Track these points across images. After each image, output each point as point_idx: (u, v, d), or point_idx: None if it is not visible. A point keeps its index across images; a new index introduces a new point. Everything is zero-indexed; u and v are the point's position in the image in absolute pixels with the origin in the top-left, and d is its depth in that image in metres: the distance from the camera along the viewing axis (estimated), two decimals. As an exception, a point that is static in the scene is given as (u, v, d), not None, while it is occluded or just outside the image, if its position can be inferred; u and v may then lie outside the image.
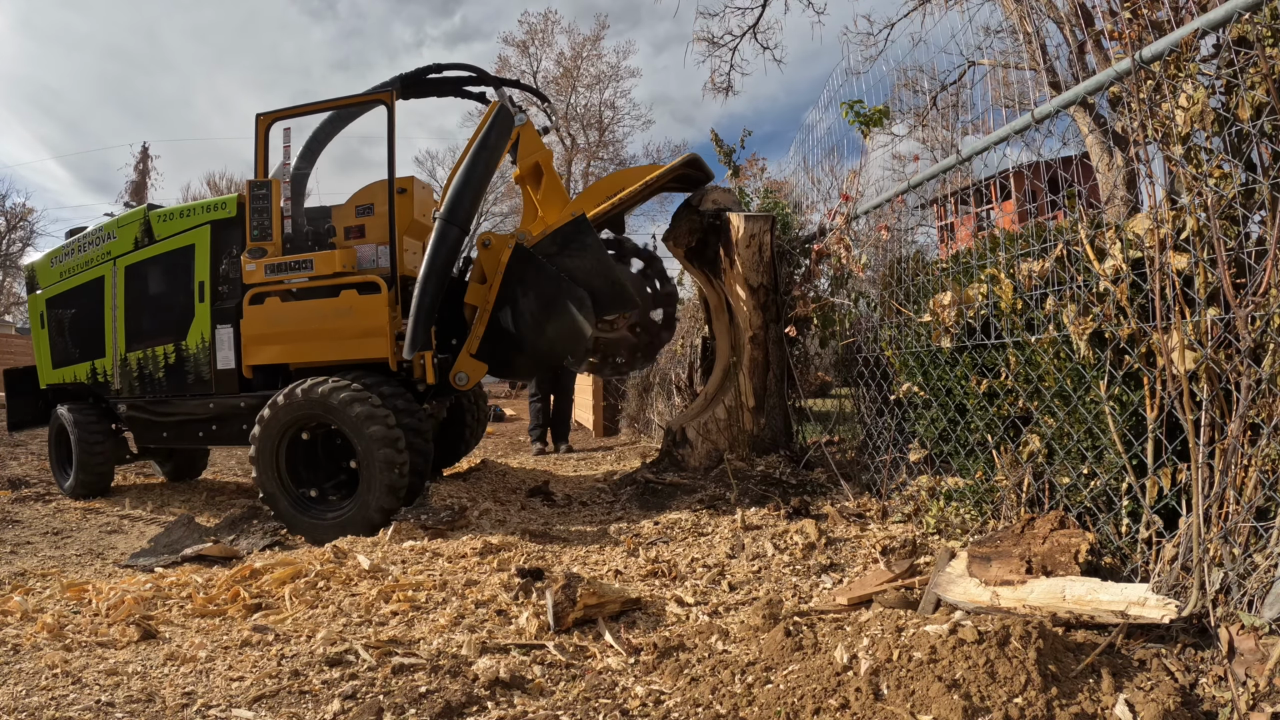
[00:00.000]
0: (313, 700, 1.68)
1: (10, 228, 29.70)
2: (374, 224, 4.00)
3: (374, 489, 3.47)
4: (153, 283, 4.34)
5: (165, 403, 4.29)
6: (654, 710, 1.62)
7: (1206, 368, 1.76)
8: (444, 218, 3.71)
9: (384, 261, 3.95)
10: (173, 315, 4.23)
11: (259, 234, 3.94)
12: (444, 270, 3.70)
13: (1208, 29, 1.86)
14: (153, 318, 4.33)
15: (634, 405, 8.59)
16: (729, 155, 5.44)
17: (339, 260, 3.86)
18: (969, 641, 1.48)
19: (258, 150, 4.03)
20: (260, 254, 3.94)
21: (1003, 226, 2.99)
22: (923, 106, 8.63)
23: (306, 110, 4.17)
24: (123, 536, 3.83)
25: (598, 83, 26.87)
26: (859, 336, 3.77)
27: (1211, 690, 1.46)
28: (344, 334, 3.84)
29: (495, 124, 3.88)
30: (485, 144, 3.87)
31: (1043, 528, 1.96)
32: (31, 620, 2.35)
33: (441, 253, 3.68)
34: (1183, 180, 1.86)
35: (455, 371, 3.89)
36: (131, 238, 4.43)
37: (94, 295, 4.53)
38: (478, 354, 3.89)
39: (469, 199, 3.78)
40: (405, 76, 4.08)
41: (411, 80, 4.12)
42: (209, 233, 4.18)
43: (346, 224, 4.06)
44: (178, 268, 4.24)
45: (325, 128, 4.53)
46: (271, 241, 3.95)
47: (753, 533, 2.96)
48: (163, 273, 4.30)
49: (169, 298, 4.26)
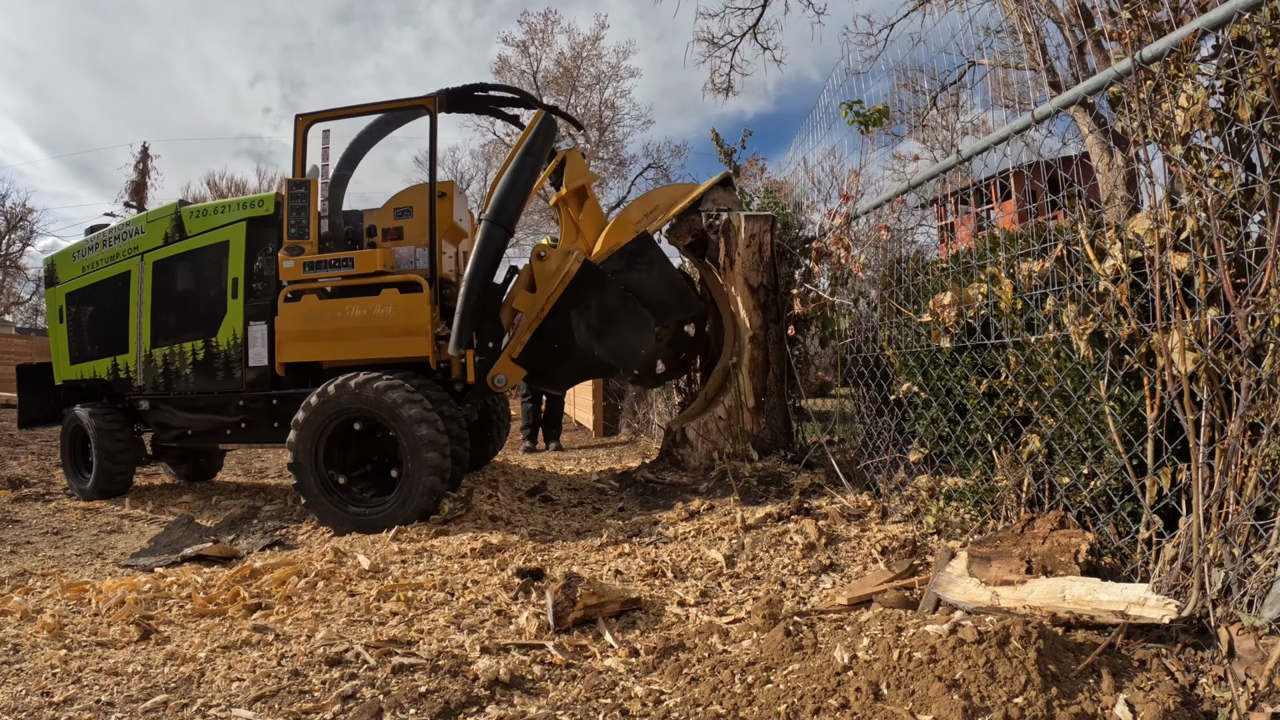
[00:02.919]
0: (313, 700, 1.68)
1: (10, 228, 29.70)
2: (412, 227, 4.06)
3: (416, 490, 3.48)
4: (182, 279, 4.33)
5: (191, 400, 4.28)
6: (654, 710, 1.62)
7: (1206, 368, 1.76)
8: (490, 219, 3.77)
9: (422, 263, 4.00)
10: (203, 311, 4.23)
11: (296, 232, 3.97)
12: (489, 270, 3.77)
13: (1208, 29, 1.86)
14: (181, 314, 4.32)
15: (634, 405, 8.59)
16: (729, 155, 5.44)
17: (380, 259, 3.90)
18: (969, 641, 1.48)
19: (296, 150, 4.08)
20: (298, 251, 3.96)
21: (1003, 226, 2.99)
22: (923, 106, 8.63)
23: (346, 113, 4.19)
24: (122, 536, 3.83)
25: (598, 83, 26.86)
26: (858, 336, 3.77)
27: (1211, 690, 1.46)
28: (384, 332, 3.87)
29: (540, 131, 3.98)
30: (530, 150, 3.94)
31: (1043, 528, 1.96)
32: (31, 620, 2.35)
33: (488, 253, 3.74)
34: (1183, 180, 1.86)
35: (494, 373, 3.94)
36: (161, 233, 4.43)
37: (119, 290, 4.50)
38: (519, 358, 3.97)
39: (514, 202, 3.86)
40: (452, 91, 4.16)
41: (458, 95, 4.19)
42: (244, 229, 4.19)
43: (385, 225, 4.11)
44: (210, 264, 4.24)
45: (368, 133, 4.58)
46: (309, 240, 3.97)
47: (753, 533, 2.96)
48: (194, 269, 4.30)
49: (200, 294, 4.26)
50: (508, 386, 3.98)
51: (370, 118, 4.41)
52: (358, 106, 4.20)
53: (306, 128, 4.08)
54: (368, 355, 3.90)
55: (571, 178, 4.20)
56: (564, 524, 3.54)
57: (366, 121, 4.48)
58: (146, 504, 4.53)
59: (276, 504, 4.40)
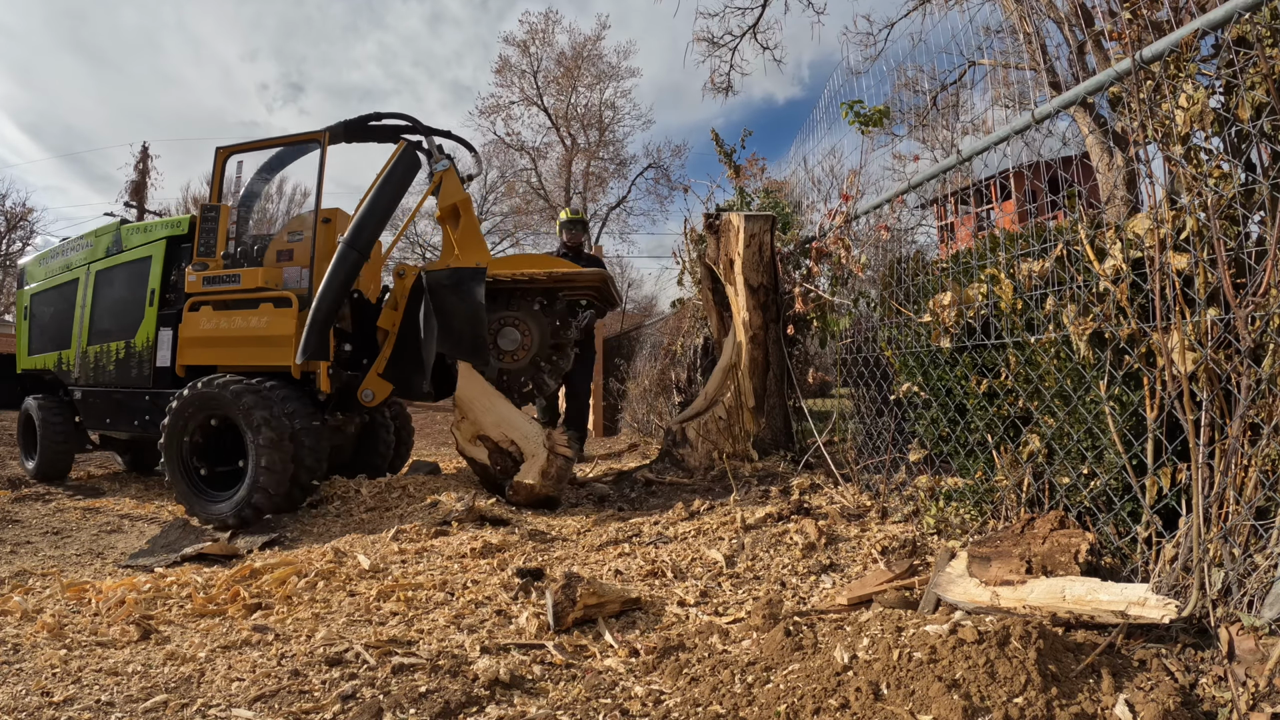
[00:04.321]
0: (313, 700, 1.68)
1: (10, 228, 29.69)
2: (301, 248, 4.46)
3: (256, 483, 3.82)
4: (115, 287, 4.93)
5: (110, 393, 4.84)
6: (654, 710, 1.62)
7: (1206, 368, 1.76)
8: (346, 242, 4.13)
9: (306, 282, 4.35)
10: (127, 316, 4.79)
11: (204, 250, 4.49)
12: (341, 289, 4.09)
13: (1208, 29, 1.86)
14: (111, 317, 4.91)
15: (634, 405, 8.59)
16: (729, 155, 5.44)
17: (261, 276, 4.37)
18: (969, 641, 1.48)
19: (214, 177, 4.62)
20: (202, 267, 4.47)
21: (1003, 226, 2.99)
22: (923, 106, 8.63)
23: (258, 146, 4.82)
24: (122, 536, 3.83)
25: (598, 83, 26.84)
26: (858, 336, 3.77)
27: (1211, 690, 1.46)
28: (258, 342, 4.31)
29: (400, 161, 4.36)
30: (390, 178, 4.32)
31: (1043, 528, 1.96)
32: (31, 620, 2.35)
33: (340, 273, 4.07)
34: (1183, 180, 1.86)
35: (363, 389, 4.35)
36: (104, 247, 5.08)
37: (69, 294, 5.17)
38: (384, 373, 4.36)
39: (370, 227, 4.22)
40: (349, 122, 4.58)
41: (355, 126, 4.60)
42: (164, 246, 4.76)
43: (279, 248, 4.56)
44: (136, 276, 4.82)
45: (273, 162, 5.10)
46: (214, 258, 4.47)
47: (753, 533, 2.96)
48: (124, 279, 4.89)
49: (126, 301, 4.83)
50: (375, 401, 4.36)
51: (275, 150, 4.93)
52: (266, 140, 4.82)
53: (225, 158, 4.62)
54: (246, 362, 4.33)
55: (445, 197, 4.45)
56: (564, 524, 3.54)
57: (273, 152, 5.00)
58: (146, 504, 4.53)
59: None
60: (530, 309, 4.52)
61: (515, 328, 4.49)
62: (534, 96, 26.68)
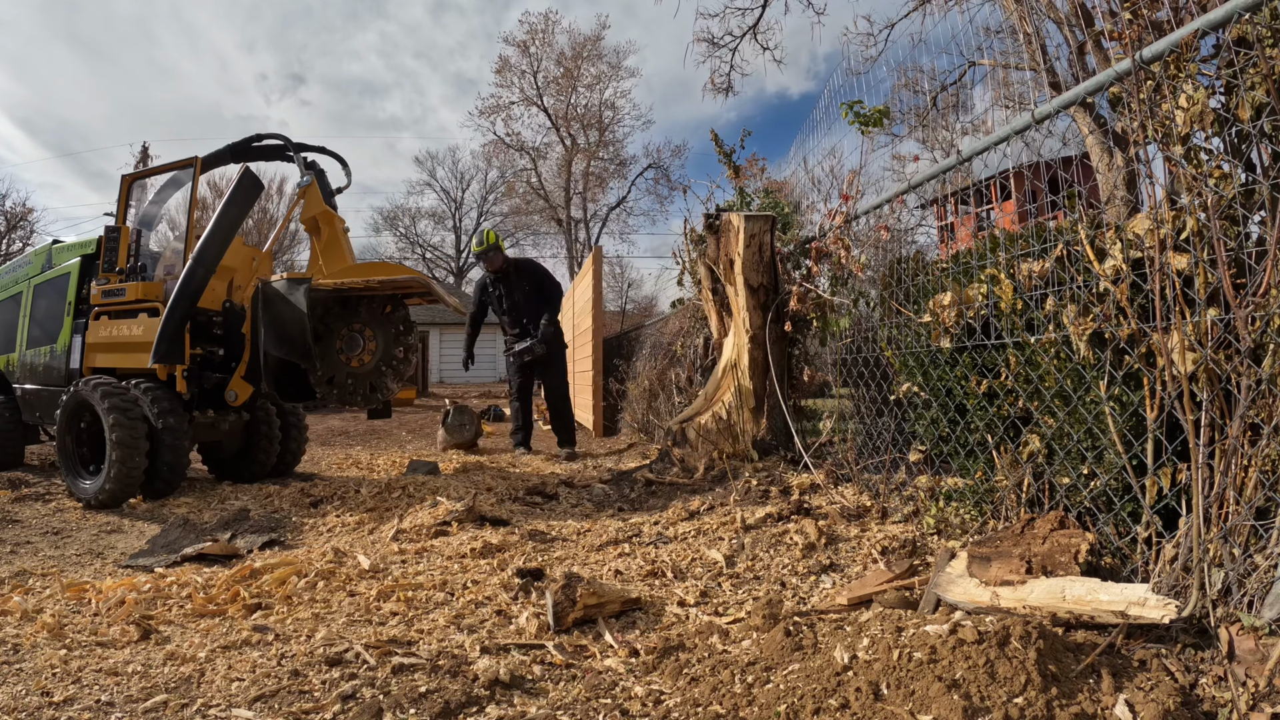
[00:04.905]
0: (313, 700, 1.68)
1: (10, 228, 29.68)
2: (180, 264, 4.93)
3: (111, 471, 4.36)
4: (46, 300, 5.60)
5: (38, 391, 5.49)
6: (654, 710, 1.62)
7: (1206, 368, 1.76)
8: (194, 260, 4.70)
9: None
10: (52, 325, 5.47)
11: (108, 267, 5.05)
12: (190, 299, 4.70)
13: (1208, 29, 1.86)
14: (41, 326, 5.60)
15: (634, 405, 8.58)
16: (729, 155, 5.44)
17: (141, 290, 4.96)
18: (969, 642, 1.48)
19: (119, 202, 5.24)
20: (105, 282, 5.07)
21: (1003, 227, 2.99)
22: (923, 106, 8.63)
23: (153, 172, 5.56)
24: (122, 536, 3.83)
25: (598, 83, 26.85)
26: (858, 336, 3.77)
27: (1211, 690, 1.46)
28: (134, 347, 4.89)
29: (239, 186, 4.91)
30: (232, 202, 4.88)
31: (1043, 528, 1.96)
32: (31, 620, 2.35)
33: (189, 287, 4.69)
34: (1183, 180, 1.86)
35: (228, 390, 4.90)
36: (40, 264, 5.79)
37: (15, 305, 5.90)
38: (246, 375, 4.87)
39: (215, 245, 4.80)
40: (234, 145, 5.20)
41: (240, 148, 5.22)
42: (80, 263, 5.36)
43: (167, 264, 5.24)
44: (59, 289, 5.46)
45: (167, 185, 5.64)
46: (115, 273, 5.02)
47: (752, 533, 2.96)
48: (51, 292, 5.55)
49: (52, 311, 5.50)
50: (238, 401, 4.89)
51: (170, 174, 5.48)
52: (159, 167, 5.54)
53: (129, 185, 5.30)
54: (128, 365, 4.92)
55: (306, 210, 4.82)
56: (564, 524, 3.54)
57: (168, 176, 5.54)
58: (146, 504, 4.53)
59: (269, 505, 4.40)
60: (377, 316, 4.84)
61: (359, 335, 4.87)
62: (534, 97, 26.69)
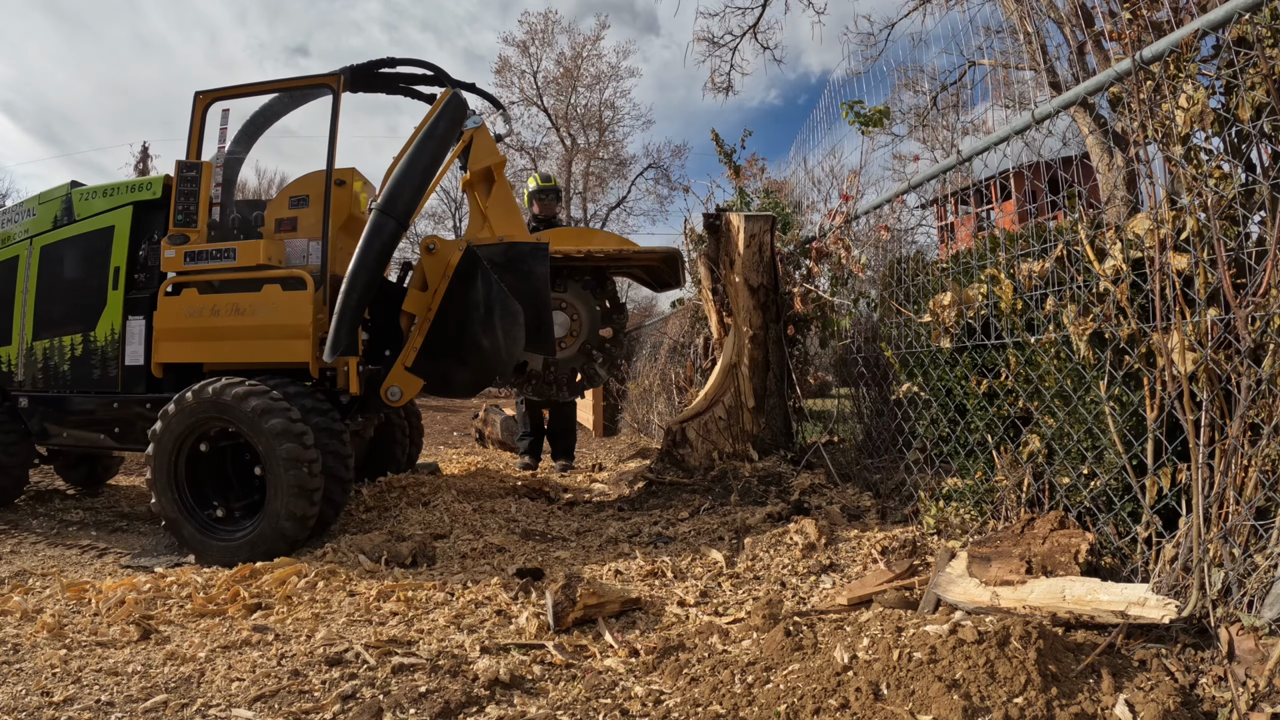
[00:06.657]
0: (313, 700, 1.68)
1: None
2: (307, 217, 3.58)
3: (280, 514, 3.03)
4: (67, 266, 3.90)
5: (68, 400, 3.84)
6: (654, 710, 1.62)
7: (1206, 368, 1.76)
8: (380, 208, 3.34)
9: (315, 259, 3.53)
10: (84, 303, 3.79)
11: (183, 219, 3.56)
12: (376, 266, 3.34)
13: (1208, 29, 1.86)
14: (63, 304, 3.88)
15: (634, 405, 8.59)
16: (729, 155, 5.44)
17: (264, 251, 3.45)
18: (969, 642, 1.48)
19: (192, 130, 3.67)
20: (182, 240, 3.53)
21: (1003, 227, 2.99)
22: (923, 106, 8.63)
23: (248, 91, 3.82)
24: (122, 536, 3.83)
25: (598, 83, 26.86)
26: (858, 336, 3.77)
27: (1211, 690, 1.46)
28: (264, 333, 3.45)
29: (445, 112, 3.55)
30: (432, 133, 3.52)
31: (1043, 528, 1.96)
32: (31, 620, 2.35)
33: (375, 246, 3.30)
34: (1183, 180, 1.86)
35: (388, 386, 3.51)
36: (51, 216, 3.99)
37: (8, 277, 4.06)
38: (413, 368, 3.53)
39: (410, 190, 3.41)
40: (356, 68, 3.76)
41: (361, 72, 3.79)
42: (130, 214, 3.77)
43: (279, 215, 3.64)
44: (94, 251, 3.80)
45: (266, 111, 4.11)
46: (196, 228, 3.56)
47: (752, 533, 2.96)
48: (78, 255, 3.87)
49: (82, 283, 3.82)
50: (402, 400, 3.54)
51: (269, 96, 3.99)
52: (258, 84, 3.84)
53: (206, 106, 3.69)
54: (247, 358, 3.47)
55: (477, 159, 3.73)
56: (564, 524, 3.54)
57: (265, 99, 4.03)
58: (146, 504, 4.52)
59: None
60: (579, 290, 3.99)
61: (564, 311, 3.92)
62: (534, 97, 26.70)
